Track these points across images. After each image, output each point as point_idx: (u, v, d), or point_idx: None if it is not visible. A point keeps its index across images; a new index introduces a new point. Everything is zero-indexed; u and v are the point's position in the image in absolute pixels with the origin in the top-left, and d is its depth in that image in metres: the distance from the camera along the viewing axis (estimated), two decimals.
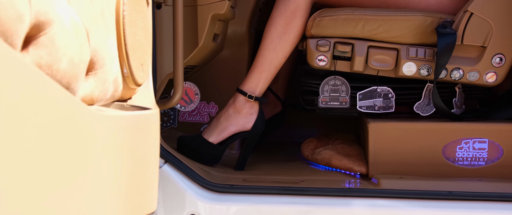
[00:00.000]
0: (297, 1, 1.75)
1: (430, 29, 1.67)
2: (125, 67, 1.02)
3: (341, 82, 1.77)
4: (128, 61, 1.02)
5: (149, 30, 1.19)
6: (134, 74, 1.04)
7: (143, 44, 1.12)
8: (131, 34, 1.03)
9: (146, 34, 1.16)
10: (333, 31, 1.71)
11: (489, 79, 1.68)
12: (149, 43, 1.19)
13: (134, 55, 1.05)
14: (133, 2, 1.06)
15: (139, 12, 1.11)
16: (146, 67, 1.14)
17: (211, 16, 1.70)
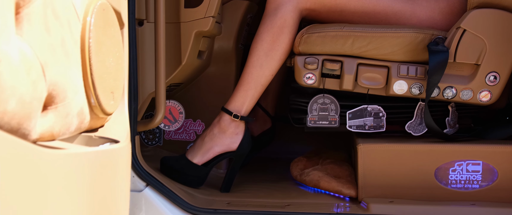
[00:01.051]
0: (284, 16, 1.69)
1: (422, 46, 1.61)
2: (92, 98, 0.96)
3: (330, 100, 1.70)
4: (95, 91, 0.96)
5: (122, 55, 1.13)
6: (102, 104, 0.98)
7: (114, 71, 1.06)
8: (99, 61, 0.97)
9: (119, 59, 1.10)
10: (322, 48, 1.65)
11: (483, 98, 1.62)
12: (122, 68, 1.13)
13: (103, 83, 0.99)
14: (102, 27, 1.00)
15: (109, 36, 1.05)
16: (117, 95, 1.08)
17: (195, 33, 1.64)
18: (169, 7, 1.60)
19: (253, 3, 1.96)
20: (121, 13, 1.19)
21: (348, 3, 1.71)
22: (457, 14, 1.70)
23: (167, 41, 1.58)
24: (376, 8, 1.71)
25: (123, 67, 1.13)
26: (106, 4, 1.03)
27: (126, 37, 1.25)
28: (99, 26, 0.99)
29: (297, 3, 1.70)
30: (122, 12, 1.20)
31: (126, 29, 1.25)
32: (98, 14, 0.98)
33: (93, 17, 0.96)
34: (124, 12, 1.22)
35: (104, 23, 1.02)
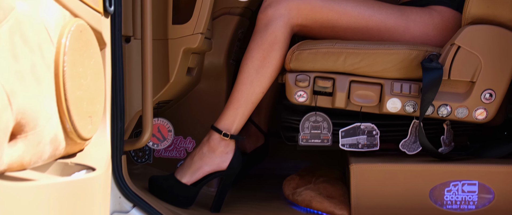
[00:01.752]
0: (275, 33, 1.65)
1: (415, 63, 1.57)
2: (67, 123, 0.92)
3: (322, 118, 1.66)
4: (70, 116, 0.92)
5: (101, 76, 1.09)
6: (78, 129, 0.94)
7: (92, 94, 1.02)
8: (74, 86, 0.93)
9: (98, 81, 1.06)
10: (313, 65, 1.62)
11: (478, 116, 1.57)
12: (102, 90, 1.09)
13: (79, 108, 0.96)
14: (79, 49, 0.97)
15: (88, 58, 1.01)
16: (96, 119, 1.04)
17: (183, 50, 1.60)
18: (156, 23, 1.56)
19: (244, 18, 1.92)
20: (102, 32, 1.15)
21: (340, 19, 1.68)
22: (451, 29, 1.67)
23: (155, 58, 1.54)
24: (368, 24, 1.68)
25: (103, 89, 1.10)
26: (83, 25, 1.00)
27: (108, 57, 1.22)
28: (76, 48, 0.95)
29: (289, 19, 1.67)
30: (104, 31, 1.16)
31: (108, 48, 1.21)
32: (74, 36, 0.95)
33: (69, 39, 0.92)
34: (105, 32, 1.18)
35: (81, 45, 0.98)
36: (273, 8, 1.67)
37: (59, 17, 0.92)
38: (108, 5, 1.17)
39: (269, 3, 1.69)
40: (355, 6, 1.68)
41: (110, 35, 1.43)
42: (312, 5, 1.67)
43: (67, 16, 0.96)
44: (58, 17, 0.92)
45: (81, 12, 1.02)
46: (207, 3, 1.58)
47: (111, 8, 1.19)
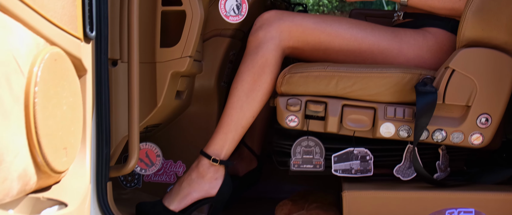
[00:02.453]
0: (265, 55, 1.62)
1: (409, 86, 1.53)
2: (38, 157, 0.88)
3: (314, 143, 1.62)
4: (41, 150, 0.88)
5: (79, 105, 1.05)
6: (50, 163, 0.90)
7: (68, 124, 0.99)
8: (47, 117, 0.89)
9: (75, 111, 1.03)
10: (305, 88, 1.58)
11: (474, 141, 1.53)
12: (79, 120, 1.05)
13: (52, 140, 0.91)
14: (53, 78, 0.93)
15: (63, 88, 0.97)
16: (72, 150, 1.00)
17: (171, 74, 1.56)
18: (144, 46, 1.53)
19: (236, 40, 1.89)
20: (82, 59, 1.12)
21: (333, 41, 1.64)
22: (446, 52, 1.63)
23: (142, 82, 1.51)
24: (361, 46, 1.64)
25: (80, 118, 1.06)
26: (58, 53, 0.96)
27: (89, 83, 1.18)
28: (49, 78, 0.91)
29: (280, 41, 1.63)
30: (84, 57, 1.13)
31: (89, 74, 1.18)
32: (47, 65, 0.91)
33: (41, 68, 0.89)
34: (86, 57, 1.14)
35: (56, 74, 0.94)
36: (264, 30, 1.64)
37: (31, 45, 0.88)
38: (88, 31, 1.13)
39: (260, 25, 1.66)
40: (348, 28, 1.65)
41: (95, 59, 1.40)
42: (304, 27, 1.64)
43: (41, 44, 0.93)
44: (30, 46, 0.88)
45: (58, 39, 0.99)
46: (196, 25, 1.55)
47: (92, 33, 1.16)
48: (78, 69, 1.11)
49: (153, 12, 1.55)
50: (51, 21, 0.96)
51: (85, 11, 1.12)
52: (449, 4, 1.62)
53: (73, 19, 1.06)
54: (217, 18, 1.75)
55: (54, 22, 0.97)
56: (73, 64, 1.08)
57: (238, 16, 1.71)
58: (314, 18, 1.66)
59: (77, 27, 1.08)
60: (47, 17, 0.95)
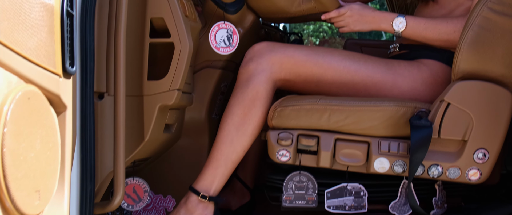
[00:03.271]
0: (256, 88, 1.58)
1: (403, 120, 1.49)
2: (6, 202, 0.83)
3: (307, 178, 1.57)
4: (9, 194, 0.83)
5: (56, 145, 1.00)
6: (20, 208, 0.85)
7: (42, 165, 0.94)
8: (17, 160, 0.85)
9: (51, 151, 0.98)
10: (296, 122, 1.53)
11: (472, 177, 1.48)
12: (55, 160, 1.00)
13: (23, 183, 0.87)
14: (25, 118, 0.89)
15: (37, 127, 0.93)
16: (46, 192, 0.95)
17: (159, 107, 1.52)
18: (130, 79, 1.49)
19: (227, 72, 1.85)
20: (61, 95, 1.07)
21: (325, 73, 1.60)
22: (441, 84, 1.59)
23: (129, 116, 1.47)
24: (354, 78, 1.60)
25: (57, 159, 1.01)
26: (32, 91, 0.92)
27: (69, 120, 1.14)
28: (21, 118, 0.87)
29: (271, 74, 1.60)
30: (63, 94, 1.09)
31: (69, 111, 1.13)
32: (19, 104, 0.87)
33: (11, 108, 0.84)
34: (65, 94, 1.10)
35: (29, 113, 0.90)
36: (255, 62, 1.60)
37: (1, 84, 0.84)
38: (68, 66, 1.09)
39: (251, 57, 1.62)
40: (341, 60, 1.61)
41: (80, 93, 1.37)
42: (296, 59, 1.61)
43: (13, 82, 0.89)
44: (0, 84, 0.84)
45: (33, 75, 0.95)
46: (185, 58, 1.51)
47: (73, 68, 1.12)
48: (57, 106, 1.07)
49: (140, 44, 1.52)
50: (26, 57, 0.92)
51: (65, 46, 1.08)
52: (444, 35, 1.59)
53: (51, 54, 1.02)
54: (208, 49, 1.72)
55: (29, 58, 0.93)
56: (51, 101, 1.04)
57: (229, 48, 1.68)
58: (306, 50, 1.63)
59: (55, 63, 1.04)
60: (21, 53, 0.91)
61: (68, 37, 1.11)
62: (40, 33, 0.98)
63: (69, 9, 1.10)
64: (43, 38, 0.98)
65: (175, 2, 1.50)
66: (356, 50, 2.16)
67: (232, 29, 1.67)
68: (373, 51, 2.14)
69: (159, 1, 1.50)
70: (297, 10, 1.72)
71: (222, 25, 1.68)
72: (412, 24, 1.63)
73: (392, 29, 1.65)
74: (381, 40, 2.26)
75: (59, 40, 1.06)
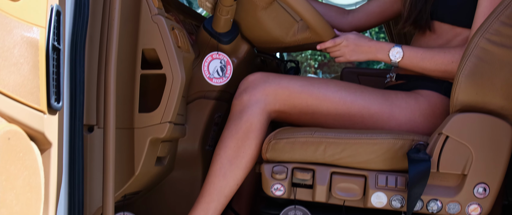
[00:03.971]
0: (250, 120, 1.54)
1: (401, 153, 1.45)
2: None
3: (302, 213, 1.52)
4: None
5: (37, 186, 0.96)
6: None
7: (23, 209, 0.90)
8: None
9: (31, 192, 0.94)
10: (291, 155, 1.50)
11: (472, 213, 1.43)
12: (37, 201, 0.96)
13: None
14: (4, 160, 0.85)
15: (18, 168, 0.89)
16: None
17: (150, 140, 1.48)
18: (121, 111, 1.46)
19: (221, 102, 1.82)
20: (45, 133, 1.04)
21: (321, 104, 1.57)
22: (439, 115, 1.56)
23: (118, 149, 1.43)
24: (351, 110, 1.57)
25: (39, 199, 0.97)
26: (13, 131, 0.88)
27: (54, 157, 1.10)
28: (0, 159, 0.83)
29: (265, 105, 1.56)
30: (48, 131, 1.05)
31: (54, 148, 1.09)
32: None
33: None
34: (51, 131, 1.07)
35: (9, 155, 0.86)
36: (248, 93, 1.57)
37: None
38: (54, 102, 1.06)
39: (245, 88, 1.59)
40: (336, 91, 1.58)
41: (69, 126, 1.33)
42: (290, 90, 1.57)
43: None
44: None
45: (15, 114, 0.91)
46: (176, 89, 1.48)
47: (59, 103, 1.08)
48: (41, 144, 1.03)
49: (131, 75, 1.49)
50: (7, 95, 0.89)
51: (50, 81, 1.04)
52: (442, 66, 1.56)
53: (35, 91, 0.99)
54: (202, 80, 1.69)
55: (11, 95, 0.90)
56: (35, 139, 1.01)
57: (222, 79, 1.65)
58: (301, 80, 1.60)
59: (39, 99, 1.01)
60: (3, 91, 0.87)
61: (54, 72, 1.08)
62: (24, 69, 0.95)
63: (56, 43, 1.07)
64: (27, 75, 0.95)
65: (167, 33, 1.47)
66: (353, 79, 2.14)
67: (225, 59, 1.65)
68: (370, 80, 2.11)
69: (151, 32, 1.48)
70: (292, 40, 1.70)
71: (216, 55, 1.65)
72: (409, 54, 1.60)
73: (388, 59, 1.62)
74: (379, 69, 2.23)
75: (44, 75, 1.02)
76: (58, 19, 1.09)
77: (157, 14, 1.48)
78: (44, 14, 1.03)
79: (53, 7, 1.06)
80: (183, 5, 2.11)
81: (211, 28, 1.67)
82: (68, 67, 1.35)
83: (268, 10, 1.65)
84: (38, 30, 1.00)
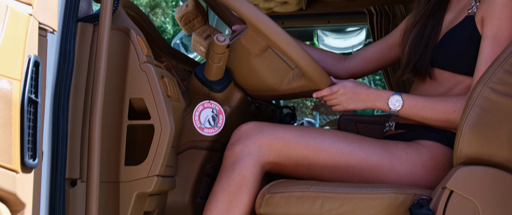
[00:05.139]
0: (243, 173, 1.47)
1: (403, 209, 1.37)
2: None
3: None
4: None
5: None
6: None
7: None
8: None
9: None
10: (286, 210, 1.41)
11: None
12: None
13: None
14: None
15: None
16: None
17: (137, 195, 1.40)
18: (106, 164, 1.38)
19: (214, 152, 1.73)
20: (18, 193, 0.96)
21: (317, 156, 1.49)
22: (442, 168, 1.48)
23: (103, 204, 1.35)
24: (349, 162, 1.49)
25: None
26: None
27: None
28: None
29: (259, 157, 1.49)
30: (21, 191, 0.97)
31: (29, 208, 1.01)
32: None
33: None
34: (24, 190, 0.99)
35: None
36: (241, 144, 1.50)
37: None
38: (29, 159, 0.98)
39: (237, 138, 1.52)
40: (334, 141, 1.51)
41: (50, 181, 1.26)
42: (285, 141, 1.50)
43: None
44: None
45: None
46: (165, 141, 1.40)
47: (34, 161, 1.01)
48: (13, 205, 0.95)
49: (118, 126, 1.41)
50: None
51: (25, 137, 0.97)
52: (443, 116, 1.49)
53: (7, 149, 0.91)
54: (193, 129, 1.61)
55: None
56: (5, 200, 0.93)
57: (214, 129, 1.58)
58: (296, 130, 1.53)
59: (12, 158, 0.93)
60: None
61: (31, 126, 1.01)
62: None
63: (32, 96, 1.00)
64: None
65: (156, 82, 1.41)
66: (350, 126, 2.07)
67: (217, 108, 1.58)
68: (368, 127, 2.04)
69: (139, 80, 1.41)
70: (287, 88, 1.63)
71: (207, 104, 1.58)
72: (409, 103, 1.53)
73: (388, 108, 1.56)
74: (377, 116, 2.16)
75: (17, 132, 0.95)
76: (37, 70, 1.03)
77: (145, 62, 1.42)
78: (20, 66, 0.97)
79: (30, 58, 1.00)
80: (175, 51, 2.05)
81: (203, 75, 1.60)
82: (50, 118, 1.29)
83: (262, 57, 1.59)
84: (12, 83, 0.93)
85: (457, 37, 1.54)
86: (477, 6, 1.52)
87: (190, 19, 1.86)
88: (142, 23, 1.78)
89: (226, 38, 1.51)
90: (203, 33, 1.90)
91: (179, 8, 1.93)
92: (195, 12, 1.86)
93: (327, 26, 3.77)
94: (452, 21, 1.59)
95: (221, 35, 1.52)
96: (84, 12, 1.46)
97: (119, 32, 1.43)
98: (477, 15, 1.51)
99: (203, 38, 1.88)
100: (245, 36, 1.56)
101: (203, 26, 1.91)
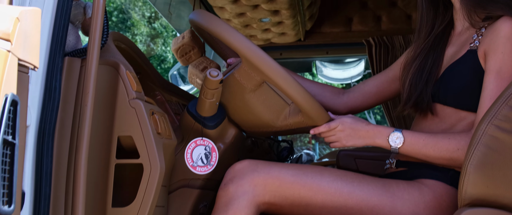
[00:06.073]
0: (237, 214, 1.40)
1: None
2: None
3: None
4: None
5: None
6: None
7: None
8: None
9: None
10: None
11: None
12: None
13: None
14: None
15: None
16: None
17: None
18: (92, 205, 1.31)
19: (207, 191, 1.66)
20: None
21: (315, 196, 1.42)
22: (446, 209, 1.41)
23: None
24: (348, 202, 1.42)
25: None
26: None
27: None
28: None
29: (254, 197, 1.42)
30: None
31: None
32: None
33: None
34: None
35: None
36: (235, 184, 1.43)
37: None
38: (3, 205, 0.92)
39: (231, 178, 1.45)
40: (332, 181, 1.44)
41: None
42: (281, 180, 1.43)
43: None
44: None
45: None
46: (154, 181, 1.33)
47: (10, 207, 0.94)
48: None
49: (105, 165, 1.35)
50: None
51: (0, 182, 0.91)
52: (447, 153, 1.43)
53: None
54: (185, 167, 1.54)
55: None
56: None
57: (207, 167, 1.51)
58: (293, 169, 1.46)
59: None
60: None
61: (6, 170, 0.94)
62: None
63: (9, 138, 0.94)
64: None
65: (145, 119, 1.35)
66: (349, 162, 2.00)
67: (211, 146, 1.51)
68: (368, 163, 1.98)
69: (128, 117, 1.35)
70: (283, 124, 1.57)
71: (200, 141, 1.51)
72: (410, 140, 1.47)
73: (388, 146, 1.49)
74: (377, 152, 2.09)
75: None
76: (15, 110, 0.97)
77: (135, 98, 1.36)
78: None
79: (7, 97, 0.94)
80: (169, 84, 2.00)
81: (196, 111, 1.54)
82: (33, 157, 1.22)
83: (257, 92, 1.53)
84: None
85: (459, 71, 1.48)
86: (480, 40, 1.47)
87: (186, 51, 1.82)
88: (134, 56, 1.73)
89: (219, 73, 1.45)
90: (200, 65, 1.85)
91: (176, 40, 1.88)
92: (192, 44, 1.81)
93: (325, 57, 3.73)
94: (453, 55, 1.54)
95: (214, 70, 1.46)
96: (72, 46, 1.41)
97: (108, 66, 1.38)
98: (480, 49, 1.45)
99: (200, 70, 1.83)
100: (239, 70, 1.50)
101: (200, 58, 1.86)
